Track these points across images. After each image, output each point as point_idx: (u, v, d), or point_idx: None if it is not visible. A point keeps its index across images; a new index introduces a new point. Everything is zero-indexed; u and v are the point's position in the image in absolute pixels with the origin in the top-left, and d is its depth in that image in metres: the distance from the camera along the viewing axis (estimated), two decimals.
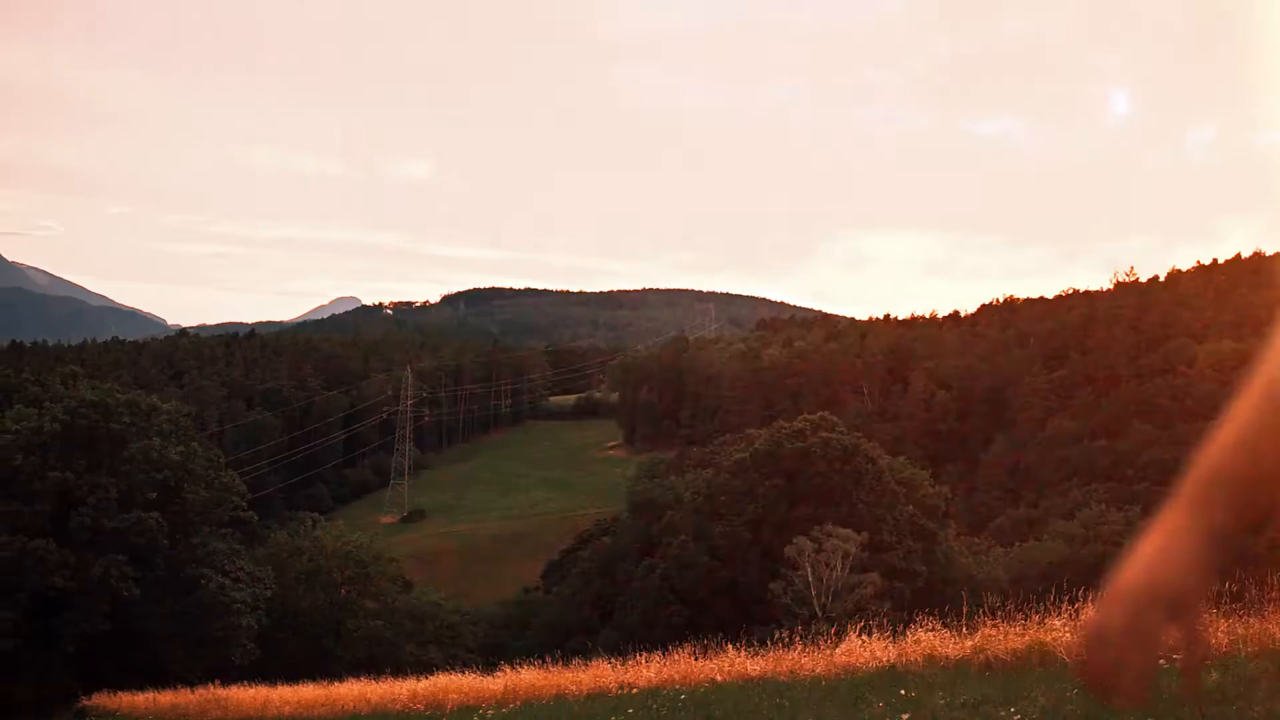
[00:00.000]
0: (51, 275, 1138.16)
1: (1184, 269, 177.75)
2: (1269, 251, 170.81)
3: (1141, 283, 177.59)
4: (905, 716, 11.18)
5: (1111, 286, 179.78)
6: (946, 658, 15.39)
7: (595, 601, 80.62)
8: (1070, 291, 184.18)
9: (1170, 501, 2.31)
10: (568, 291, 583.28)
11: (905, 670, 15.08)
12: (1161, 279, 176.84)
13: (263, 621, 58.34)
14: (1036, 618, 15.64)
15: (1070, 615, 15.26)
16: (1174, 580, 2.27)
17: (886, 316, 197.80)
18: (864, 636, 17.48)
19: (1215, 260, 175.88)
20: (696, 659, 20.25)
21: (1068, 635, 14.80)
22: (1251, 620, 13.83)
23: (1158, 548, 2.32)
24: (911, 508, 68.88)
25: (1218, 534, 2.29)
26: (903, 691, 12.52)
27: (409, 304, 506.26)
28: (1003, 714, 10.22)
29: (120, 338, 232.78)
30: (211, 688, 34.03)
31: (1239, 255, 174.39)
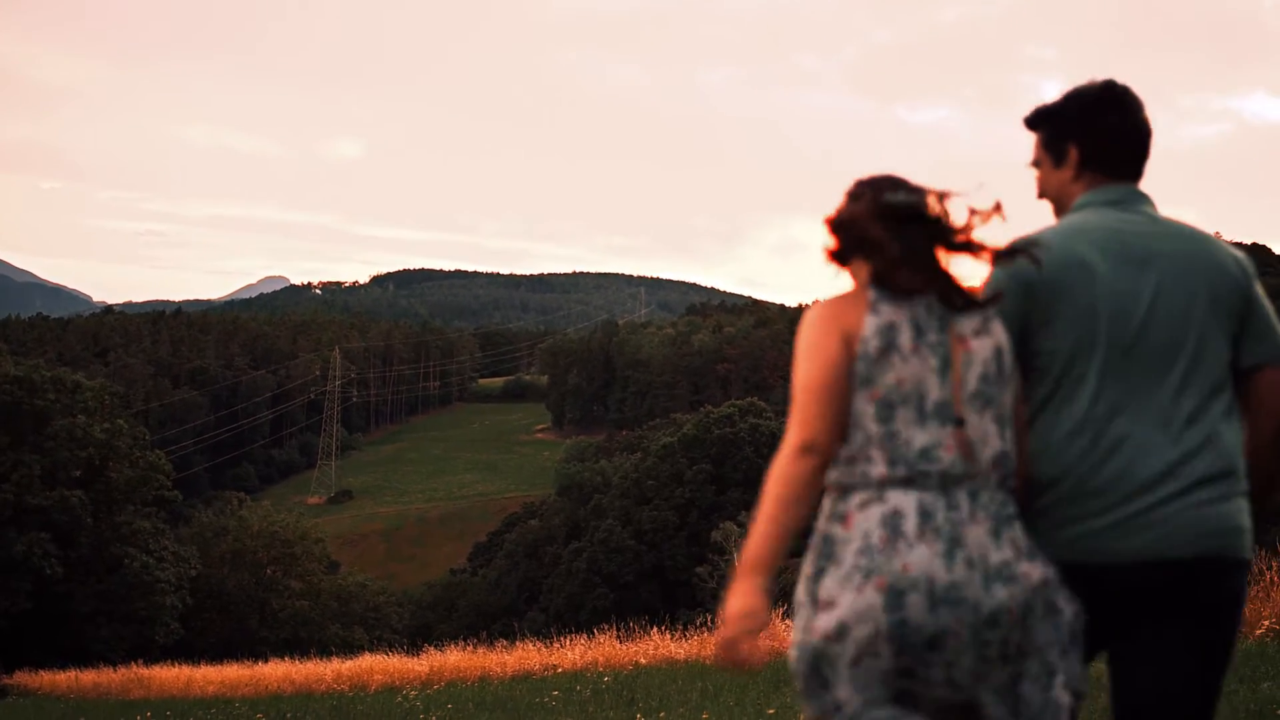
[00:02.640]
0: None
1: None
2: None
3: None
4: None
5: None
6: None
7: (522, 584, 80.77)
8: None
9: None
10: (498, 274, 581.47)
11: None
12: None
13: (187, 601, 58.11)
14: None
15: None
16: None
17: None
18: (789, 620, 17.62)
19: None
20: (621, 642, 20.36)
21: None
22: None
23: None
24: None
25: None
26: None
27: (338, 284, 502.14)
28: None
29: (46, 314, 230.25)
30: (134, 667, 33.85)
31: None
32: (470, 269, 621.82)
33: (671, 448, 79.10)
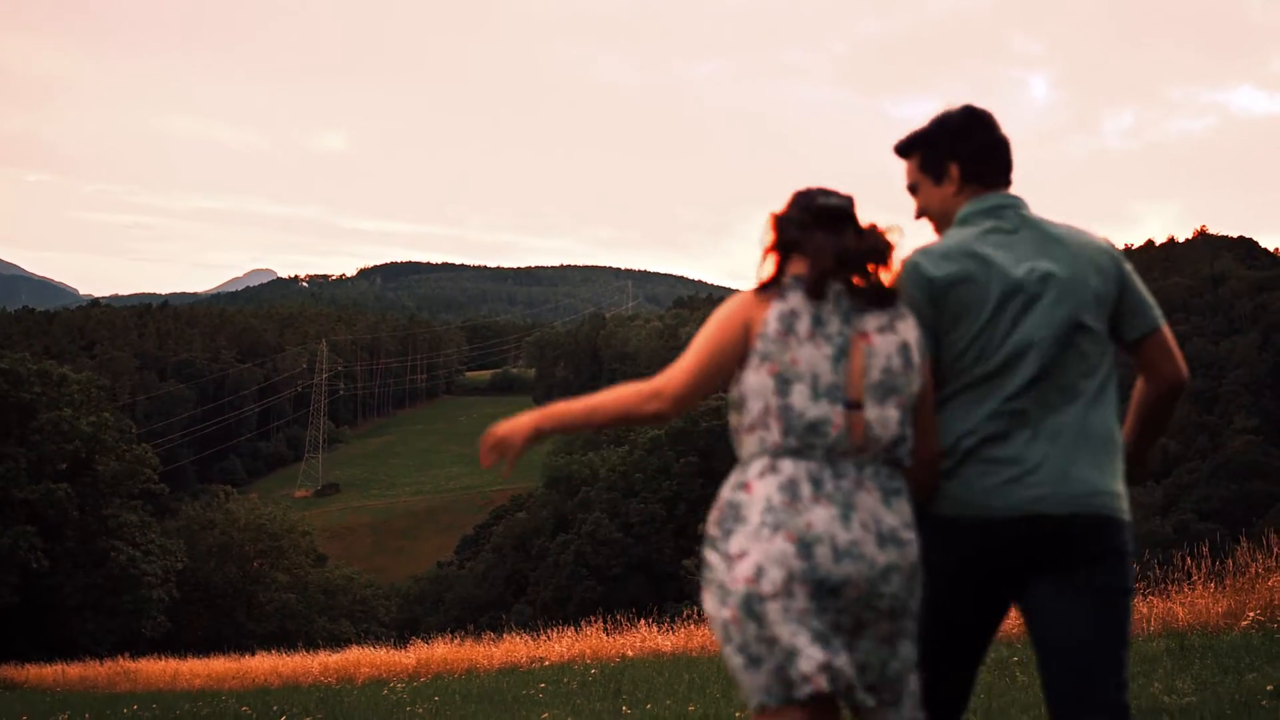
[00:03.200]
0: None
1: None
2: (1181, 238, 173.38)
3: None
4: None
5: None
6: None
7: (509, 577, 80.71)
8: None
9: None
10: (485, 267, 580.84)
11: None
12: None
13: (173, 594, 58.04)
14: None
15: None
16: None
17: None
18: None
19: (1129, 246, 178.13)
20: (608, 634, 20.40)
21: None
22: (1154, 600, 14.10)
23: None
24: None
25: None
26: None
27: (325, 277, 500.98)
28: None
29: (31, 307, 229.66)
30: (121, 660, 33.86)
31: (1150, 241, 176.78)
32: (457, 262, 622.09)
33: (659, 441, 79.09)
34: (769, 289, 3.48)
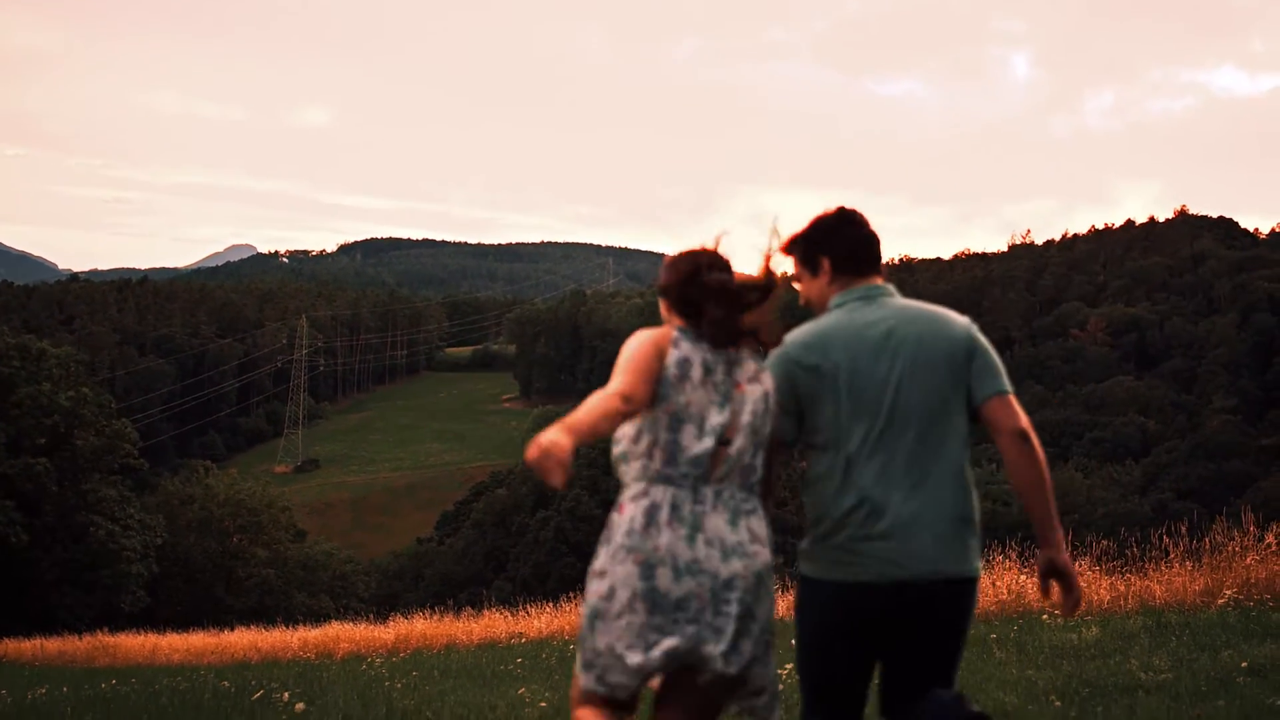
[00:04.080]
0: None
1: (1080, 233, 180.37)
2: (1162, 218, 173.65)
3: (1037, 246, 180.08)
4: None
5: (1007, 249, 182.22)
6: None
7: (489, 553, 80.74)
8: (967, 253, 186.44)
9: None
10: (465, 243, 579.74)
11: None
12: (1057, 243, 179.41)
13: (153, 569, 57.95)
14: None
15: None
16: None
17: (784, 275, 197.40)
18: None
19: (1109, 225, 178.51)
20: None
21: None
22: (1132, 578, 14.14)
23: None
24: (805, 463, 69.50)
25: None
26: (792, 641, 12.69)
27: (305, 253, 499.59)
28: None
29: (10, 281, 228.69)
30: (100, 635, 33.79)
31: (1131, 221, 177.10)
32: (438, 238, 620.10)
33: None
34: (666, 333, 4.13)
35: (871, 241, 4.47)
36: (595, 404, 3.83)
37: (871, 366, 4.20)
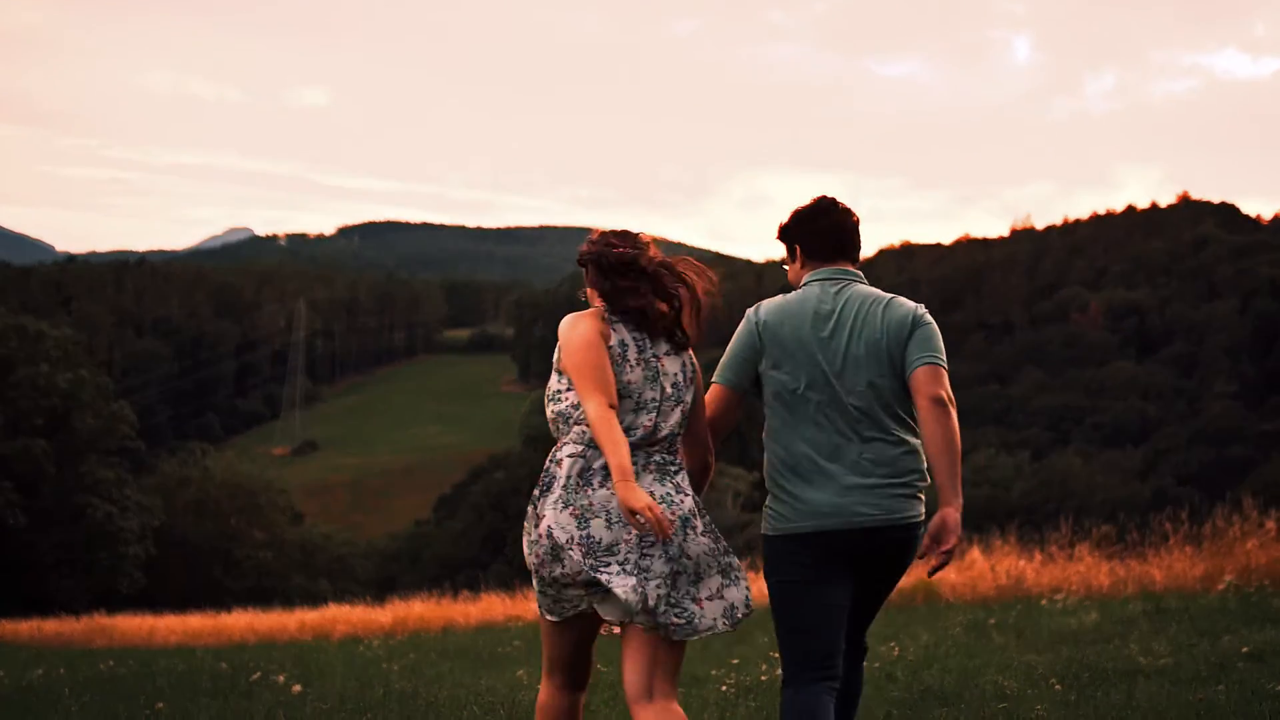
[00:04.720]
0: None
1: (1080, 218, 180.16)
2: (1163, 203, 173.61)
3: (1038, 230, 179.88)
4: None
5: (1008, 233, 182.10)
6: None
7: (487, 536, 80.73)
8: (966, 238, 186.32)
9: None
10: (464, 226, 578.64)
11: None
12: (1058, 226, 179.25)
13: (150, 551, 58.06)
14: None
15: (957, 557, 15.51)
16: None
17: (783, 258, 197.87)
18: (750, 574, 17.66)
19: (1110, 210, 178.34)
20: None
21: (953, 575, 15.10)
22: (1132, 563, 14.15)
23: None
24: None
25: None
26: None
27: (303, 235, 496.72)
28: (882, 649, 10.41)
29: (7, 263, 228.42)
30: (97, 616, 33.78)
31: (1132, 206, 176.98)
32: (436, 221, 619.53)
33: None
34: (598, 314, 4.74)
35: (841, 230, 5.09)
36: (614, 435, 4.37)
37: (816, 333, 4.84)
